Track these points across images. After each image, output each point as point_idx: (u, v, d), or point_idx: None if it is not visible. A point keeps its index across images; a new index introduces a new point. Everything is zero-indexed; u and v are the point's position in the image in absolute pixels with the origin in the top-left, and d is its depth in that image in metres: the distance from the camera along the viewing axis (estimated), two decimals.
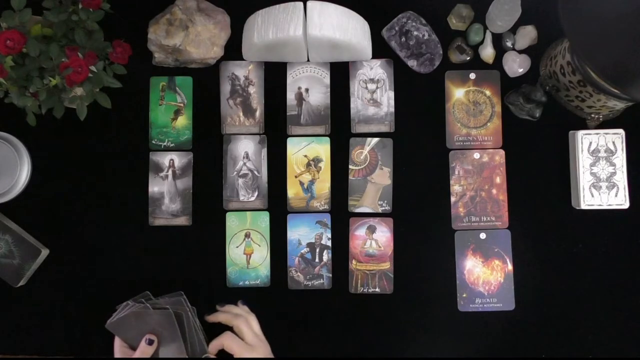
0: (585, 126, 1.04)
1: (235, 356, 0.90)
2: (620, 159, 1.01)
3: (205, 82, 1.06)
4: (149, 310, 0.92)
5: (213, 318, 0.96)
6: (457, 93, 1.06)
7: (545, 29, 1.05)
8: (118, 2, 0.99)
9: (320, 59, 1.04)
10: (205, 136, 1.05)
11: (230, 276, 1.03)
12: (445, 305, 1.03)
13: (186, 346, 0.92)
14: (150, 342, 0.90)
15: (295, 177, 1.04)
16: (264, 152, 1.05)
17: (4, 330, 1.03)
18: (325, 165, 1.04)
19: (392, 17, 1.04)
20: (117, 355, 0.92)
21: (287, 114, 1.05)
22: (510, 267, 1.03)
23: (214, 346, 0.92)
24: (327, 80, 1.06)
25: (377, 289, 1.03)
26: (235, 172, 1.04)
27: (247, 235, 1.03)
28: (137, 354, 0.90)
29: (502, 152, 1.05)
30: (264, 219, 1.04)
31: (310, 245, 1.03)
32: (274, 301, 1.03)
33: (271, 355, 0.92)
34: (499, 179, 1.04)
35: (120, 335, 0.93)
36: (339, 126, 1.05)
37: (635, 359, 1.02)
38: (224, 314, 0.96)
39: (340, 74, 1.06)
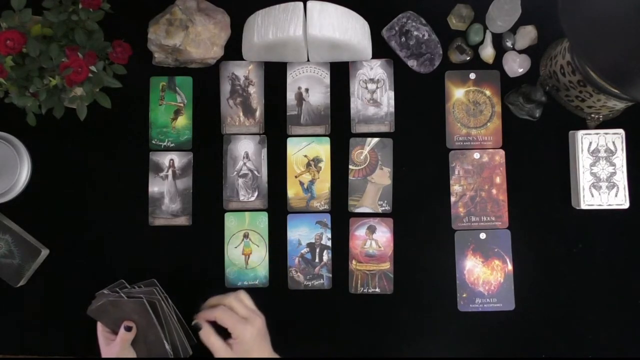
0: (585, 126, 1.03)
1: (229, 330, 0.88)
2: (620, 159, 1.01)
3: (205, 82, 1.06)
4: (124, 299, 0.93)
5: (203, 315, 0.92)
6: (457, 93, 1.06)
7: (545, 29, 1.05)
8: (118, 2, 0.99)
9: (320, 59, 1.04)
10: (205, 136, 1.05)
11: (229, 277, 1.03)
12: (445, 305, 1.03)
13: (164, 333, 0.93)
14: (129, 329, 0.92)
15: (295, 177, 1.04)
16: (264, 152, 1.05)
17: (4, 330, 1.03)
18: (325, 165, 1.04)
19: (392, 17, 1.04)
20: (100, 340, 0.94)
21: (287, 114, 1.05)
22: (510, 267, 1.03)
23: (203, 316, 0.90)
24: (327, 80, 1.06)
25: (377, 289, 1.03)
26: (235, 172, 1.04)
27: (246, 236, 1.03)
28: (117, 341, 0.91)
29: (502, 152, 1.05)
30: (263, 219, 1.04)
31: (310, 246, 1.03)
32: (273, 302, 1.03)
33: (265, 327, 0.91)
34: (499, 179, 1.04)
35: (101, 321, 0.94)
36: (339, 126, 1.05)
37: (635, 358, 1.02)
38: (210, 306, 0.92)
39: (340, 74, 1.06)
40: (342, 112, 1.05)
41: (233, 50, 1.05)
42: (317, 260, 1.03)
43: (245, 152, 1.05)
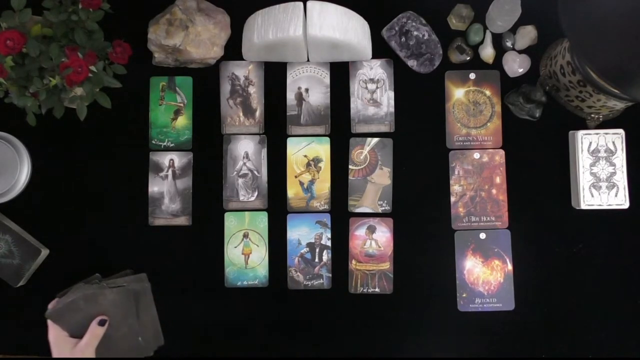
0: (585, 126, 1.03)
1: None
2: (620, 159, 1.01)
3: (205, 82, 1.06)
4: (105, 290, 0.92)
5: None
6: (457, 93, 1.06)
7: (545, 29, 1.05)
8: (118, 2, 0.99)
9: (320, 59, 1.04)
10: (205, 136, 1.05)
11: (229, 276, 1.03)
12: (445, 305, 1.03)
13: (139, 324, 0.93)
14: (102, 323, 0.90)
15: (295, 177, 1.04)
16: (264, 152, 1.05)
17: (4, 330, 1.03)
18: (325, 165, 1.04)
19: (392, 17, 1.04)
20: (56, 345, 0.90)
21: (287, 114, 1.05)
22: (510, 267, 1.03)
23: None
24: (327, 80, 1.06)
25: (377, 289, 1.03)
26: (235, 172, 1.04)
27: (246, 236, 1.03)
28: (87, 336, 0.89)
29: (502, 152, 1.05)
30: (262, 219, 1.04)
31: (310, 245, 1.03)
32: (273, 301, 1.03)
33: None
34: (499, 179, 1.04)
35: (62, 324, 0.91)
36: (339, 126, 1.05)
37: (635, 359, 1.02)
38: None
39: (340, 74, 1.06)
40: (342, 112, 1.05)
41: (233, 50, 1.05)
42: (317, 260, 1.03)
43: (245, 152, 1.05)
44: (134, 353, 0.94)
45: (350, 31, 0.97)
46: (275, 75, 1.06)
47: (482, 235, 1.03)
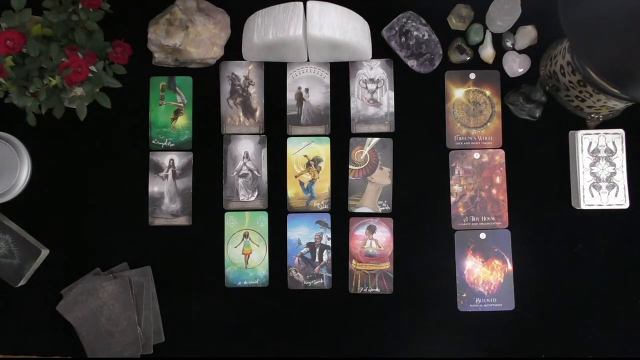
0: (585, 126, 1.03)
1: None
2: (620, 159, 1.01)
3: (205, 82, 1.06)
4: (104, 282, 0.92)
5: None
6: (457, 93, 1.06)
7: (545, 29, 1.05)
8: (118, 2, 0.99)
9: (320, 59, 1.04)
10: (205, 136, 1.05)
11: (229, 276, 1.03)
12: (445, 305, 1.03)
13: (139, 318, 0.93)
14: None
15: (295, 177, 1.04)
16: (264, 152, 1.05)
17: (4, 330, 1.03)
18: (325, 165, 1.04)
19: (392, 17, 1.04)
20: None
21: (287, 114, 1.05)
22: (510, 267, 1.03)
23: None
24: (327, 80, 1.06)
25: (377, 289, 1.03)
26: (235, 172, 1.04)
27: (246, 235, 1.03)
28: None
29: (502, 152, 1.05)
30: (263, 219, 1.04)
31: (310, 245, 1.03)
32: (273, 301, 1.03)
33: None
34: (499, 179, 1.04)
35: (71, 318, 0.92)
36: (339, 126, 1.05)
37: (635, 358, 1.02)
38: None
39: (340, 74, 1.06)
40: (342, 112, 1.05)
41: (233, 50, 1.05)
42: (317, 260, 1.03)
43: (245, 152, 1.05)
44: (134, 348, 0.95)
45: (350, 31, 0.97)
46: (275, 75, 1.06)
47: (482, 235, 1.03)
